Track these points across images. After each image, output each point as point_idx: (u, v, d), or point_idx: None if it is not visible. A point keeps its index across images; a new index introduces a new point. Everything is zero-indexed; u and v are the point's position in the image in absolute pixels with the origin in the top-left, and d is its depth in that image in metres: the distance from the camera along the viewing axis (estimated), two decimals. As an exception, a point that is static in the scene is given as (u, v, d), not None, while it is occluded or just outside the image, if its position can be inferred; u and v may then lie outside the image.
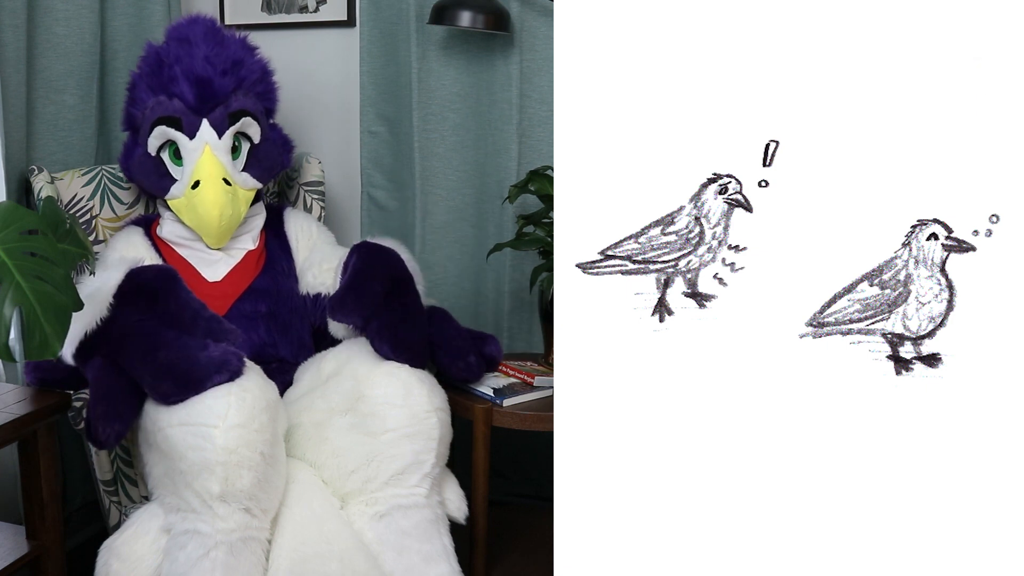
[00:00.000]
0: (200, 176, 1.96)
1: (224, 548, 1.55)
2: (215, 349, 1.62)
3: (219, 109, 1.99)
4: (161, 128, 1.97)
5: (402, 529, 1.73)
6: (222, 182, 1.97)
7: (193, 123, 1.97)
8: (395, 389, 1.76)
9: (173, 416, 1.57)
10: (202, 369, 1.58)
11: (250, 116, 2.04)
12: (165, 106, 1.98)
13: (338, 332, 2.02)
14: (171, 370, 1.59)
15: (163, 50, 2.03)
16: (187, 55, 1.99)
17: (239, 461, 1.54)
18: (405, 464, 1.74)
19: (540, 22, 2.27)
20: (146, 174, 2.02)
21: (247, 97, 2.05)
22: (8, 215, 1.33)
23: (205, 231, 2.00)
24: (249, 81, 2.06)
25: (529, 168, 2.23)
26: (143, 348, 1.62)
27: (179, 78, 1.98)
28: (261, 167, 2.08)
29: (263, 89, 2.12)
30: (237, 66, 2.04)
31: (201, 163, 1.97)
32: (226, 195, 1.97)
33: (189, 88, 1.97)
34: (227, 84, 2.01)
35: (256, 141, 2.06)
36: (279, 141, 2.16)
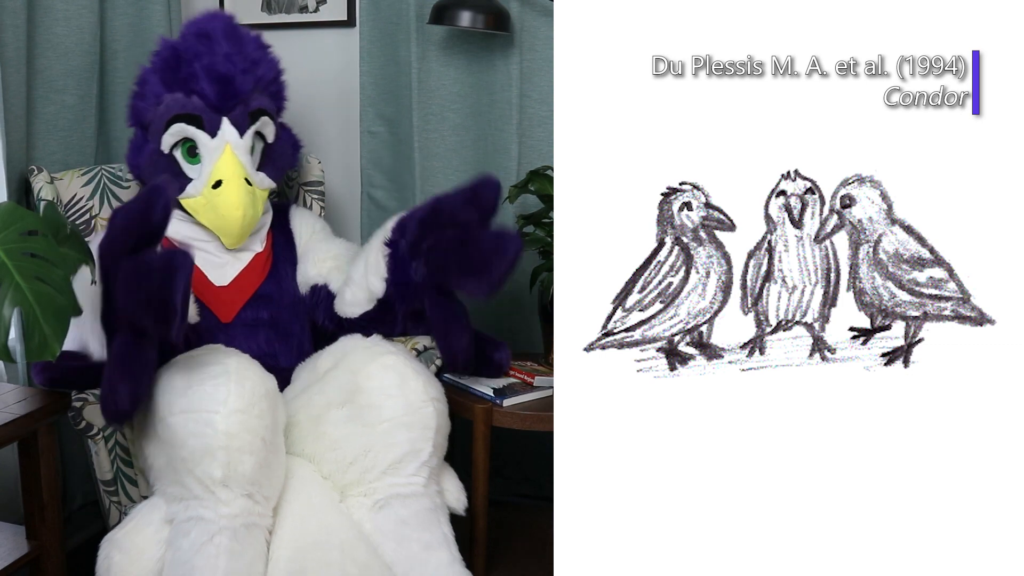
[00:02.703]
0: (222, 175, 1.95)
1: (228, 534, 1.55)
2: (162, 254, 1.57)
3: (239, 108, 1.98)
4: (179, 126, 1.95)
5: (401, 518, 1.73)
6: (244, 182, 1.96)
7: (214, 121, 1.96)
8: (391, 380, 1.76)
9: (174, 404, 1.58)
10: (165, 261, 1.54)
11: (267, 115, 2.03)
12: (183, 103, 1.95)
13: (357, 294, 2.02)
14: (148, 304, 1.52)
15: (180, 45, 2.00)
16: (208, 52, 1.97)
17: (240, 446, 1.54)
18: (402, 453, 1.74)
19: (540, 22, 2.27)
20: (158, 172, 1.98)
21: (263, 96, 2.04)
22: (8, 215, 1.33)
23: (226, 231, 1.99)
24: (265, 80, 2.05)
25: (529, 168, 2.23)
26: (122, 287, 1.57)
27: (200, 75, 1.95)
28: (275, 167, 2.08)
29: (276, 89, 2.11)
30: (255, 65, 2.02)
31: (223, 162, 1.96)
32: (248, 195, 1.97)
33: (211, 85, 1.95)
34: (247, 83, 1.99)
35: (270, 141, 2.07)
36: (289, 141, 2.16)
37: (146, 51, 2.25)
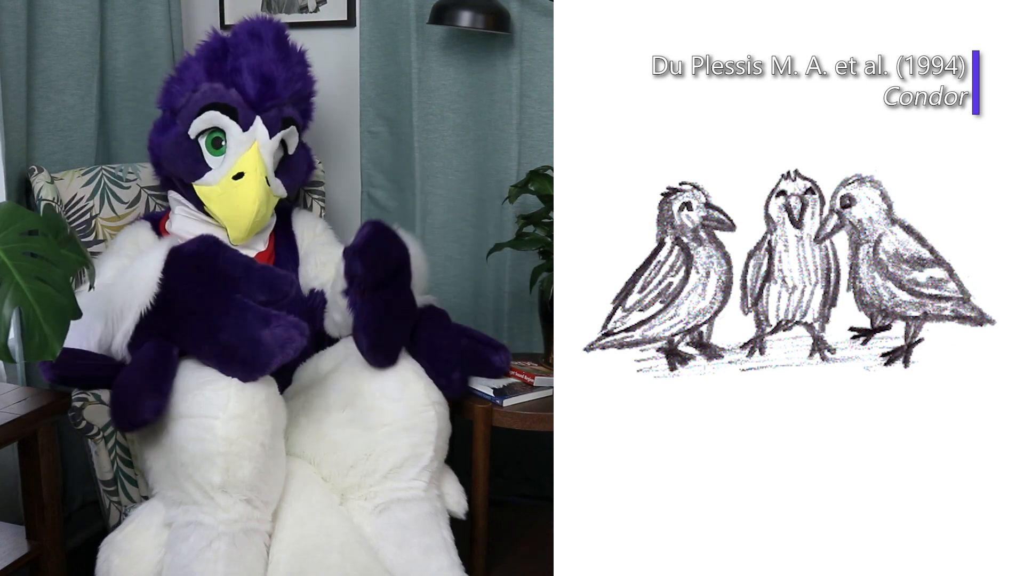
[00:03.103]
0: (245, 168, 1.97)
1: (226, 539, 1.55)
2: (277, 325, 1.60)
3: (274, 111, 2.02)
4: (213, 113, 1.98)
5: (401, 523, 1.73)
6: (264, 180, 1.99)
7: (248, 116, 1.99)
8: (392, 383, 1.76)
9: (173, 409, 1.58)
10: (266, 352, 1.58)
11: (295, 126, 2.08)
12: (222, 93, 1.99)
13: (335, 315, 2.00)
14: (234, 354, 1.58)
15: (231, 40, 2.04)
16: (257, 51, 2.01)
17: (240, 451, 1.54)
18: (403, 457, 1.74)
19: (540, 22, 2.27)
20: (181, 155, 2.01)
21: (295, 109, 2.09)
22: (8, 215, 1.32)
23: (236, 223, 2.00)
24: (301, 94, 2.11)
25: (529, 168, 2.23)
26: (204, 330, 1.60)
27: (244, 70, 2.00)
28: (290, 178, 2.12)
29: (306, 107, 2.17)
30: (296, 78, 2.08)
31: (248, 156, 1.98)
32: (265, 193, 1.99)
33: (253, 82, 1.99)
34: (287, 90, 2.04)
35: (291, 152, 2.10)
36: (306, 158, 2.19)
37: (146, 51, 2.26)
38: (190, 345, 1.62)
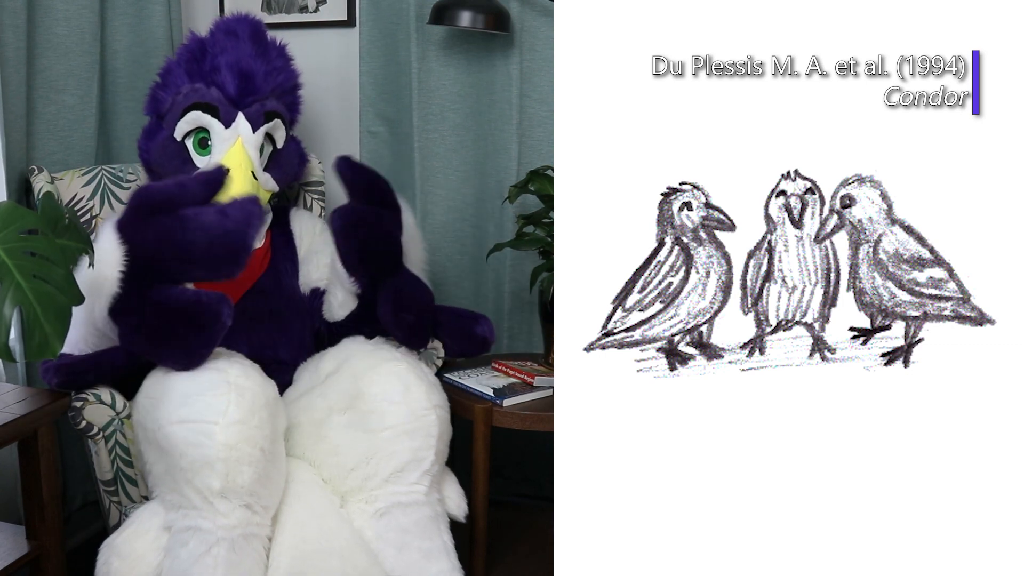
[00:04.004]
0: (230, 165, 1.97)
1: (226, 544, 1.55)
2: (231, 208, 1.70)
3: (256, 105, 2.02)
4: (195, 114, 1.99)
5: (402, 526, 1.73)
6: (251, 175, 1.99)
7: (229, 113, 2.00)
8: (394, 386, 1.75)
9: (173, 414, 1.57)
10: (238, 235, 1.68)
11: (280, 119, 2.08)
12: (203, 93, 2.00)
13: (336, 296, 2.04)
14: (213, 255, 1.68)
15: (208, 40, 2.06)
16: (233, 48, 2.03)
17: (239, 457, 1.54)
18: (404, 461, 1.74)
19: (540, 22, 2.27)
20: (168, 158, 2.03)
21: (279, 102, 2.09)
22: (8, 215, 1.32)
23: None
24: (282, 89, 2.11)
25: (529, 168, 2.23)
26: (175, 253, 1.66)
27: (222, 68, 2.01)
28: (280, 172, 2.11)
29: (291, 100, 2.16)
30: (277, 71, 2.08)
31: (232, 153, 1.99)
32: (252, 188, 1.99)
33: (232, 79, 2.00)
34: (266, 84, 2.05)
35: (279, 146, 2.10)
36: (296, 152, 2.19)
37: (146, 51, 2.26)
38: (174, 275, 1.66)
